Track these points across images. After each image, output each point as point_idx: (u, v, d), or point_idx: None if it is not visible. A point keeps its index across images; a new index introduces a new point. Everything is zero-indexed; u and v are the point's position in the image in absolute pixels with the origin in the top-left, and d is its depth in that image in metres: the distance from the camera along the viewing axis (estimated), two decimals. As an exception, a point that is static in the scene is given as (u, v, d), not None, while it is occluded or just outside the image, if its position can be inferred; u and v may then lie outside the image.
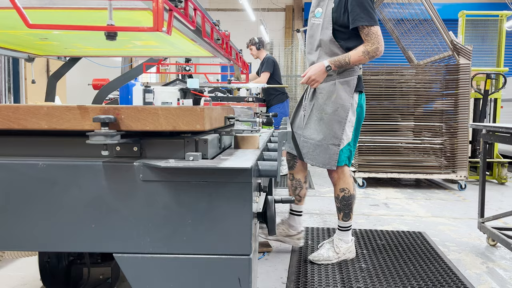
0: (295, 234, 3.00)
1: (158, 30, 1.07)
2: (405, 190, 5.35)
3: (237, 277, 1.26)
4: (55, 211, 1.26)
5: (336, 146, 2.68)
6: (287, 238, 3.00)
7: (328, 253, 2.80)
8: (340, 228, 2.86)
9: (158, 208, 1.25)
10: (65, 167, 1.25)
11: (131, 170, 1.24)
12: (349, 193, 2.80)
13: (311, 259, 2.81)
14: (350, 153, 2.77)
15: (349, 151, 2.76)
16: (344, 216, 2.83)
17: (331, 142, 2.68)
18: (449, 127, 5.26)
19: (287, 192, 5.07)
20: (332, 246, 2.83)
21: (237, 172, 1.23)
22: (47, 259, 2.08)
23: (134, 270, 1.27)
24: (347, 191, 2.80)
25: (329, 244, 2.86)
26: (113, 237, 1.26)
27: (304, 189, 3.02)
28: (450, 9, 9.38)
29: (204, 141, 1.28)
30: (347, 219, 2.83)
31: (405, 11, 5.81)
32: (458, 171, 5.23)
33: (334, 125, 2.68)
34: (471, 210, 4.29)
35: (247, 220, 1.25)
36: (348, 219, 2.84)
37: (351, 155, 2.79)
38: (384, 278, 2.55)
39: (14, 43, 2.16)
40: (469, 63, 5.13)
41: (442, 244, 3.24)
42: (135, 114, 1.23)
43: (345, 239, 2.84)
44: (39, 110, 1.23)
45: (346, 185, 2.79)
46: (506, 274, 2.70)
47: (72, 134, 1.27)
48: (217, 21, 1.99)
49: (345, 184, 2.79)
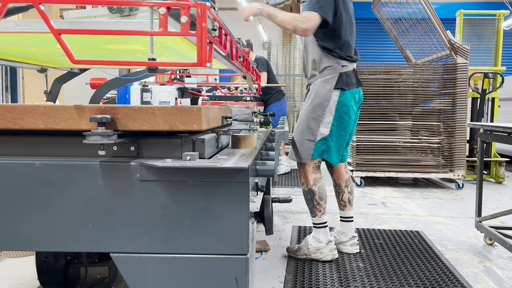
0: (347, 240, 2.98)
1: (202, 65, 1.09)
2: (402, 189, 5.36)
3: (234, 277, 1.26)
4: (52, 211, 1.26)
5: (311, 141, 2.77)
6: (341, 245, 2.98)
7: (300, 248, 2.85)
8: (312, 225, 2.88)
9: (155, 208, 1.25)
10: (62, 167, 1.25)
11: (128, 169, 1.24)
12: (307, 188, 2.82)
13: (286, 248, 2.95)
14: (328, 148, 2.77)
15: (325, 145, 2.77)
16: (310, 212, 2.86)
17: (307, 137, 2.77)
18: (446, 126, 5.27)
19: (285, 191, 5.09)
20: (305, 243, 2.86)
21: (234, 172, 1.23)
22: (45, 258, 2.07)
23: (131, 269, 1.27)
24: (305, 185, 2.83)
25: (308, 239, 2.87)
26: (110, 237, 1.26)
27: (346, 194, 3.00)
28: (448, 8, 9.39)
29: (201, 140, 1.28)
30: (312, 215, 2.84)
31: (403, 10, 5.82)
32: (456, 170, 5.24)
33: (310, 121, 2.77)
34: (468, 209, 4.29)
35: (244, 220, 1.25)
36: (314, 216, 2.82)
37: (329, 149, 2.77)
38: (382, 277, 2.56)
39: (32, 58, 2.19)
40: (466, 62, 5.14)
41: (440, 243, 3.24)
42: (132, 113, 1.23)
43: (317, 237, 2.82)
44: (36, 110, 1.23)
45: (305, 179, 2.83)
46: (503, 273, 2.71)
47: (69, 133, 1.27)
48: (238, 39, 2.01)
49: (304, 178, 2.84)
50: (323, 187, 2.84)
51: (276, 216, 3.93)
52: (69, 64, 2.44)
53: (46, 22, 1.09)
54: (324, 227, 2.82)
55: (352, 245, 2.97)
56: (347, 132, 2.83)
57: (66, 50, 1.09)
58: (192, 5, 1.10)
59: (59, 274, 2.11)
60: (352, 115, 2.82)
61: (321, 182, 2.84)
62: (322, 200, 2.82)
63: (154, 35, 1.13)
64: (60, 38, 1.09)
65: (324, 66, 2.77)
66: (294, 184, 5.45)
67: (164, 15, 1.09)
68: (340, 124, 2.77)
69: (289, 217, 3.92)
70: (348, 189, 3.01)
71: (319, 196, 2.81)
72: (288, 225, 3.65)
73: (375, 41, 10.90)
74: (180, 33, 1.11)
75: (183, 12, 1.09)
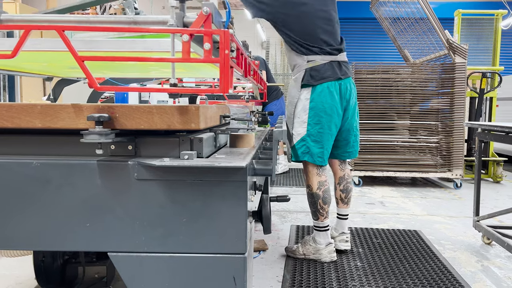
0: (337, 236, 2.95)
1: (225, 92, 1.11)
2: (401, 188, 5.36)
3: (232, 276, 1.26)
4: (50, 210, 1.25)
5: (290, 141, 2.80)
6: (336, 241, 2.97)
7: (298, 248, 2.84)
8: (313, 227, 2.86)
9: (153, 207, 1.25)
10: (59, 166, 1.24)
11: (126, 169, 1.24)
12: (311, 191, 2.78)
13: (285, 248, 2.94)
14: (308, 149, 2.70)
15: (304, 146, 2.71)
16: (313, 215, 2.82)
17: (289, 138, 2.80)
18: (445, 126, 5.27)
19: (283, 191, 5.09)
20: (303, 243, 2.85)
21: (232, 171, 1.23)
22: (42, 258, 2.07)
23: (129, 269, 1.27)
24: (310, 188, 2.79)
25: (307, 240, 2.86)
26: (107, 236, 1.26)
27: (338, 191, 2.97)
28: (446, 8, 9.39)
29: (199, 139, 1.27)
30: (315, 218, 2.81)
31: (401, 10, 5.82)
32: (454, 170, 5.25)
33: (288, 122, 2.79)
34: (466, 208, 4.30)
35: (242, 219, 1.25)
36: (317, 219, 2.79)
37: (309, 150, 2.70)
38: (380, 276, 2.56)
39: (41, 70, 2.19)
40: (464, 62, 5.15)
41: (438, 243, 3.25)
42: (129, 112, 1.22)
43: (317, 240, 2.80)
44: (33, 109, 1.23)
45: (309, 181, 2.79)
46: (500, 272, 2.71)
47: (66, 132, 1.27)
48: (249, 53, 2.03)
49: (308, 181, 2.80)
50: (328, 191, 2.79)
51: (275, 216, 3.93)
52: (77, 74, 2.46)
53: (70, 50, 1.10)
54: (326, 230, 2.81)
55: (340, 241, 2.93)
56: (330, 129, 2.71)
57: (90, 77, 1.11)
58: (215, 32, 1.12)
59: (57, 274, 2.11)
60: (333, 111, 2.68)
61: (326, 186, 2.78)
62: (326, 204, 2.78)
63: (177, 62, 1.14)
64: (84, 65, 1.10)
65: (293, 65, 2.77)
66: (293, 184, 5.45)
67: (187, 42, 1.10)
68: (317, 122, 2.68)
69: (287, 217, 3.92)
70: (341, 186, 2.95)
71: (323, 201, 2.77)
72: (287, 225, 3.65)
73: (374, 40, 10.90)
74: (203, 60, 1.12)
75: (206, 39, 1.11)
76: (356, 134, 2.93)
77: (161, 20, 1.23)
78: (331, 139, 2.76)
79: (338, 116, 2.74)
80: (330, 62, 2.69)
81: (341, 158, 2.95)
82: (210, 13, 1.12)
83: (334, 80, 2.68)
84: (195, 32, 1.11)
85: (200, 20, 1.13)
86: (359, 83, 5.30)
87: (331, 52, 2.70)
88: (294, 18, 2.65)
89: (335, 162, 2.97)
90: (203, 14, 1.12)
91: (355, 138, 2.92)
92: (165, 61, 1.18)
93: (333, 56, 2.70)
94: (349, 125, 2.85)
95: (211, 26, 1.14)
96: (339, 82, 2.71)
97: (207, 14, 1.12)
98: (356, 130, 2.93)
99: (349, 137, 2.88)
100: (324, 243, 2.79)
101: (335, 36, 2.76)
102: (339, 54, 2.73)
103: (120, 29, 1.18)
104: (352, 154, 2.94)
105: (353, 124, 2.87)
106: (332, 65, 2.68)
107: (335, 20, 2.77)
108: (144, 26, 1.26)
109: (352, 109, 2.83)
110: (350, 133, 2.87)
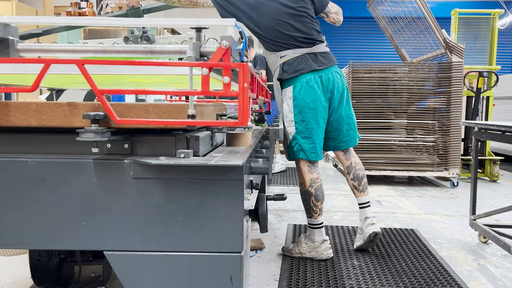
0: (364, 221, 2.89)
1: (244, 125, 1.13)
2: (398, 187, 5.37)
3: (229, 275, 1.26)
4: (45, 209, 1.25)
5: (286, 141, 2.81)
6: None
7: (295, 247, 2.85)
8: (308, 225, 2.86)
9: (149, 206, 1.25)
10: (55, 165, 1.24)
11: (122, 167, 1.23)
12: (304, 188, 2.80)
13: (281, 248, 2.94)
14: (300, 147, 2.72)
15: (297, 144, 2.73)
16: (306, 212, 2.83)
17: (285, 138, 2.81)
18: (441, 125, 5.28)
19: (280, 190, 5.09)
20: (299, 241, 2.86)
21: (228, 170, 1.23)
22: (38, 257, 2.06)
23: (125, 267, 1.27)
24: (302, 186, 2.81)
25: (302, 238, 2.87)
26: (103, 235, 1.26)
27: (349, 180, 2.95)
28: (443, 7, 9.42)
29: (195, 138, 1.27)
30: (309, 215, 2.81)
31: (398, 9, 5.82)
32: (451, 169, 5.26)
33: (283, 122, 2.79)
34: (463, 207, 4.31)
35: (238, 218, 1.25)
36: (310, 217, 2.80)
37: (302, 148, 2.72)
38: (376, 275, 2.56)
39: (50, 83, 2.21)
40: (461, 61, 5.15)
41: (434, 241, 3.25)
42: (125, 111, 1.22)
43: (312, 237, 2.81)
44: (28, 107, 1.22)
45: (301, 179, 2.81)
46: (497, 271, 2.72)
47: (62, 131, 1.26)
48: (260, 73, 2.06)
49: (300, 179, 2.82)
50: (321, 189, 2.79)
51: (272, 215, 3.93)
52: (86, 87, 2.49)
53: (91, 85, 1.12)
54: (320, 227, 2.81)
55: (367, 226, 2.82)
56: (318, 123, 2.70)
57: (109, 111, 1.12)
58: (235, 66, 1.14)
59: (53, 273, 2.10)
60: (316, 104, 2.67)
61: (319, 183, 2.78)
62: (319, 201, 2.78)
63: (197, 94, 1.17)
64: (103, 98, 1.12)
65: (271, 64, 2.80)
66: (290, 183, 5.45)
67: (207, 76, 1.11)
68: (302, 119, 2.69)
69: (284, 216, 3.92)
70: (351, 175, 2.92)
71: (315, 198, 2.77)
72: (284, 224, 3.66)
73: (371, 39, 10.91)
74: (222, 93, 1.14)
75: (225, 73, 1.13)
76: (349, 122, 2.86)
77: (178, 50, 1.28)
78: (321, 133, 2.76)
79: (324, 109, 2.72)
80: (304, 54, 2.67)
81: (340, 149, 2.93)
82: (229, 46, 1.15)
83: (308, 72, 2.66)
84: (214, 65, 1.14)
85: (219, 53, 1.16)
86: (356, 82, 5.31)
87: (303, 45, 2.68)
88: (259, 18, 2.65)
89: (339, 154, 2.97)
90: (222, 47, 1.15)
91: (349, 126, 2.86)
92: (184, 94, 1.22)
93: (307, 48, 2.68)
94: (337, 115, 2.81)
95: (229, 59, 1.17)
96: (319, 74, 2.68)
97: (226, 47, 1.15)
98: (348, 118, 2.86)
99: (341, 126, 2.84)
100: (319, 240, 2.80)
101: (307, 29, 2.70)
102: (314, 45, 2.70)
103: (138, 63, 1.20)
104: (349, 143, 2.90)
105: (341, 113, 2.82)
106: (306, 57, 2.67)
107: (305, 15, 2.69)
108: (161, 55, 1.32)
109: (338, 98, 2.78)
110: (340, 122, 2.83)
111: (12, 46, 1.36)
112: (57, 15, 8.90)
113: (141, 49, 1.29)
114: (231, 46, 1.16)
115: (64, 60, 1.16)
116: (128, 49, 1.31)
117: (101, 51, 1.36)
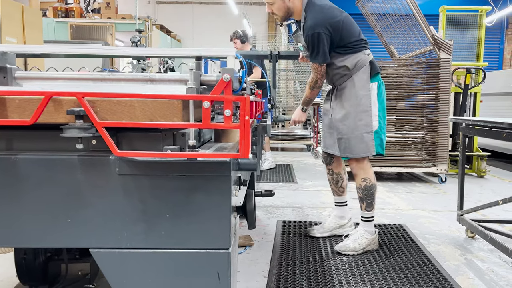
0: (347, 222, 3.21)
1: (245, 157, 1.14)
2: (386, 183, 5.40)
3: (216, 271, 1.25)
4: (30, 206, 1.23)
5: (369, 133, 2.80)
6: (341, 229, 3.18)
7: (354, 244, 2.87)
8: (363, 219, 2.94)
9: (135, 202, 1.23)
10: (39, 161, 1.22)
11: (107, 163, 1.22)
12: (370, 183, 2.89)
13: (338, 249, 2.88)
14: (380, 141, 2.84)
15: (379, 139, 2.83)
16: (367, 206, 2.91)
17: (364, 130, 2.79)
18: (430, 121, 5.32)
19: (270, 186, 5.08)
20: (357, 237, 2.89)
21: (215, 166, 1.22)
22: (23, 255, 2.03)
23: (111, 265, 1.26)
24: (369, 181, 2.89)
25: (354, 235, 2.91)
26: (89, 232, 1.24)
27: (345, 180, 3.19)
28: (431, 4, 9.46)
29: (182, 134, 1.26)
30: (370, 209, 2.91)
31: (387, 6, 5.84)
32: (439, 165, 5.30)
33: (361, 115, 2.79)
34: (451, 203, 4.35)
35: (226, 214, 1.24)
36: (371, 209, 2.91)
37: (382, 143, 2.85)
38: (365, 270, 2.57)
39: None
40: (449, 57, 5.19)
41: (422, 237, 3.28)
42: (110, 107, 1.20)
43: (369, 230, 2.91)
44: (11, 103, 1.20)
45: (367, 174, 2.88)
46: (484, 265, 2.75)
47: (45, 127, 1.24)
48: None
49: (366, 174, 2.89)
50: None
51: (261, 211, 3.92)
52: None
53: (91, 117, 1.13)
54: (373, 218, 2.95)
55: (350, 226, 3.19)
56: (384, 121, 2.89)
57: (110, 144, 1.12)
58: (235, 99, 1.15)
59: (39, 271, 2.07)
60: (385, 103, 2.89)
61: None
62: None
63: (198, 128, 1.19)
64: (104, 132, 1.12)
65: (354, 63, 2.80)
66: (279, 179, 5.46)
67: (208, 109, 1.12)
68: (383, 115, 2.85)
69: (273, 212, 3.92)
70: (346, 175, 3.17)
71: (376, 190, 2.93)
72: (273, 220, 3.66)
73: (360, 36, 10.92)
74: (223, 125, 1.14)
75: (227, 106, 1.13)
76: None
77: (178, 79, 1.29)
78: None
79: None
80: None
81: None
82: (231, 79, 1.16)
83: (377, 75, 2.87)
84: (216, 98, 1.15)
85: (221, 86, 1.17)
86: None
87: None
88: (345, 31, 2.78)
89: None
90: (223, 80, 1.16)
91: None
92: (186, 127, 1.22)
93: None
94: None
95: (231, 91, 1.18)
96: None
97: (227, 80, 1.16)
98: None
99: None
100: (374, 232, 2.93)
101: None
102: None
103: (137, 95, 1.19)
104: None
105: None
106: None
107: None
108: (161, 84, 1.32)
109: None
110: None
111: (10, 74, 1.37)
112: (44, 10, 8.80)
113: (141, 77, 1.29)
114: (232, 79, 1.18)
115: (64, 92, 1.15)
116: (129, 77, 1.31)
117: (101, 79, 1.36)
